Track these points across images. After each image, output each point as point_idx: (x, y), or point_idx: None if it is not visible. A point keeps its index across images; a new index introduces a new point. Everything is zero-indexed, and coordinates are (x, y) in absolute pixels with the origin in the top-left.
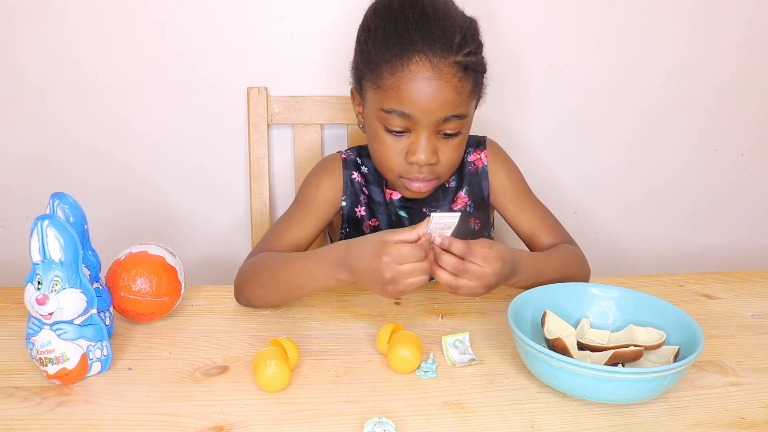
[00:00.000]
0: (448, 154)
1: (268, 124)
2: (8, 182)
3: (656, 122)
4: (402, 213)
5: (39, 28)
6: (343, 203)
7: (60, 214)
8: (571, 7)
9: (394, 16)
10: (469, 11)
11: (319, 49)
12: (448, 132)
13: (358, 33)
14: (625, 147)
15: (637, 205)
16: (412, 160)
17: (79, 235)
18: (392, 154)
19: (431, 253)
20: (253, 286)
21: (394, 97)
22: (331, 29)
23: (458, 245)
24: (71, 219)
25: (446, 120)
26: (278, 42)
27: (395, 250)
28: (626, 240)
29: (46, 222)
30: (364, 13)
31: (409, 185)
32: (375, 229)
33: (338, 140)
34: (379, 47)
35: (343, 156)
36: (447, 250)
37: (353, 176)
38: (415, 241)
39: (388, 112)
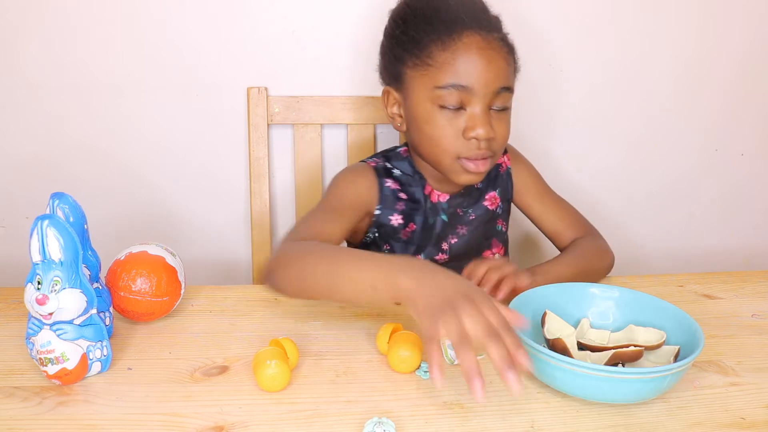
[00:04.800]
0: (501, 129)
1: (268, 124)
2: (8, 182)
3: (656, 123)
4: (443, 217)
5: (38, 28)
6: (377, 211)
7: (60, 214)
8: (572, 6)
9: (433, 2)
10: None
11: (319, 49)
12: (499, 106)
13: (389, 29)
14: (624, 147)
15: (637, 206)
16: (472, 135)
17: (79, 235)
18: (449, 134)
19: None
20: (291, 272)
21: (450, 70)
22: (331, 29)
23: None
24: (71, 219)
25: (499, 92)
26: (278, 42)
27: (482, 299)
28: (626, 240)
29: (46, 222)
30: (390, 14)
31: (467, 165)
32: (413, 234)
33: (338, 140)
34: (424, 29)
35: (373, 164)
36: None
37: (387, 184)
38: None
39: (443, 87)
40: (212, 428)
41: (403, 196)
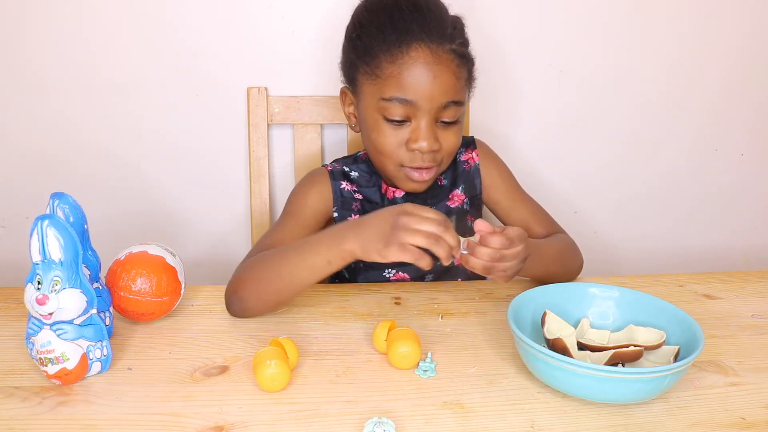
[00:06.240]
0: (449, 140)
1: (268, 124)
2: (8, 182)
3: (655, 122)
4: None
5: (41, 28)
6: (335, 214)
7: (60, 214)
8: (567, 5)
9: (388, 8)
10: (461, 12)
11: (319, 49)
12: (447, 120)
13: (348, 30)
14: (624, 147)
15: (637, 206)
16: (414, 147)
17: (79, 235)
18: (393, 143)
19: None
20: (252, 283)
21: (395, 84)
22: (331, 29)
23: (497, 240)
24: (71, 219)
25: (446, 106)
26: (278, 42)
27: (417, 211)
28: (626, 240)
29: (46, 222)
30: (353, 11)
31: (411, 174)
32: None
33: (338, 140)
34: (375, 38)
35: (329, 168)
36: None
37: (342, 186)
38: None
39: (388, 100)
40: (212, 428)
41: (359, 197)
